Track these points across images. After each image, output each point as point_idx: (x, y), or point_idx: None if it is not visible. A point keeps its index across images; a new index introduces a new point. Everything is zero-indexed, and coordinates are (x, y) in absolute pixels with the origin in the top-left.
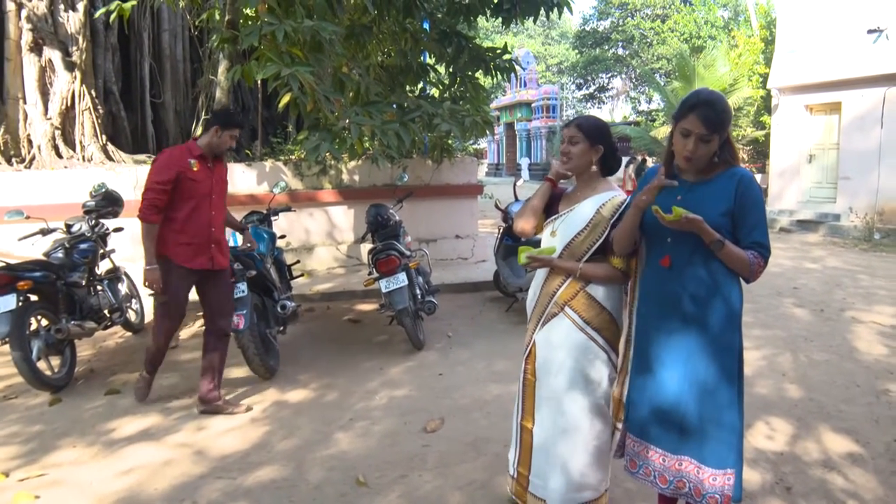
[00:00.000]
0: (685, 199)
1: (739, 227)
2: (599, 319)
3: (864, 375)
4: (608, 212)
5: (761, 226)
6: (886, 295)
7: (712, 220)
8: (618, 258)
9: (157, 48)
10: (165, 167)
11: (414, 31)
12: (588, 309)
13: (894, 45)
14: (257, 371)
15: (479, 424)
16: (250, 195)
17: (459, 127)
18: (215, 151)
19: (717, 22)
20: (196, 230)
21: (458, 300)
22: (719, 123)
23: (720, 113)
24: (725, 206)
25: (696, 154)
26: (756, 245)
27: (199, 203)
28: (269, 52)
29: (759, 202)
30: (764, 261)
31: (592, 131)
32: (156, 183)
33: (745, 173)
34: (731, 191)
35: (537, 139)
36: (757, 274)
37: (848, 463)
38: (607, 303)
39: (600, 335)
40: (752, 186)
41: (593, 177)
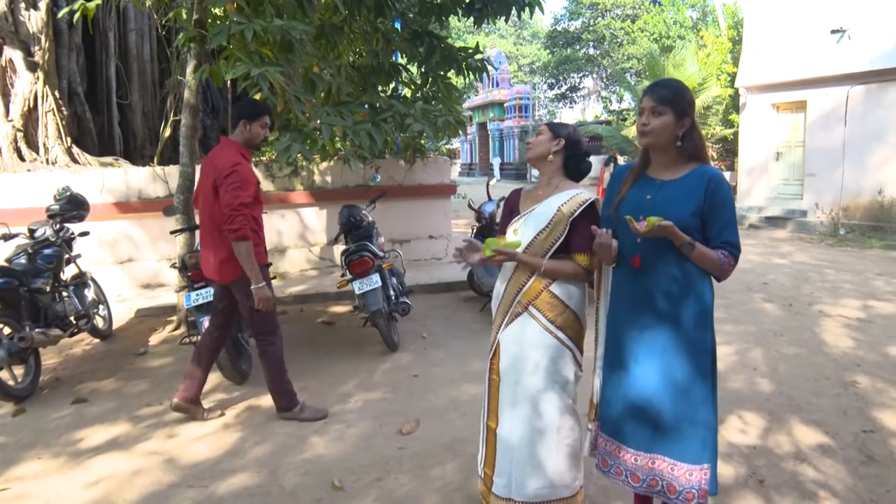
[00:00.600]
0: (655, 197)
1: (709, 226)
2: (563, 318)
3: (833, 368)
4: (569, 210)
5: (731, 225)
6: (852, 289)
7: (682, 220)
8: (581, 255)
9: (123, 48)
10: (248, 177)
11: (385, 30)
12: (552, 308)
13: (856, 45)
14: (229, 376)
15: (455, 425)
16: None
17: (432, 127)
18: (251, 147)
19: (685, 22)
20: (264, 235)
21: (433, 300)
22: (671, 98)
23: (671, 88)
24: (695, 205)
25: (650, 126)
26: (726, 244)
27: (260, 207)
28: (238, 52)
29: (729, 201)
30: (734, 260)
31: (557, 126)
32: (245, 197)
33: (714, 172)
34: (700, 190)
35: (510, 139)
36: (727, 273)
37: (818, 454)
38: (571, 301)
39: (565, 334)
40: (721, 185)
41: (555, 175)
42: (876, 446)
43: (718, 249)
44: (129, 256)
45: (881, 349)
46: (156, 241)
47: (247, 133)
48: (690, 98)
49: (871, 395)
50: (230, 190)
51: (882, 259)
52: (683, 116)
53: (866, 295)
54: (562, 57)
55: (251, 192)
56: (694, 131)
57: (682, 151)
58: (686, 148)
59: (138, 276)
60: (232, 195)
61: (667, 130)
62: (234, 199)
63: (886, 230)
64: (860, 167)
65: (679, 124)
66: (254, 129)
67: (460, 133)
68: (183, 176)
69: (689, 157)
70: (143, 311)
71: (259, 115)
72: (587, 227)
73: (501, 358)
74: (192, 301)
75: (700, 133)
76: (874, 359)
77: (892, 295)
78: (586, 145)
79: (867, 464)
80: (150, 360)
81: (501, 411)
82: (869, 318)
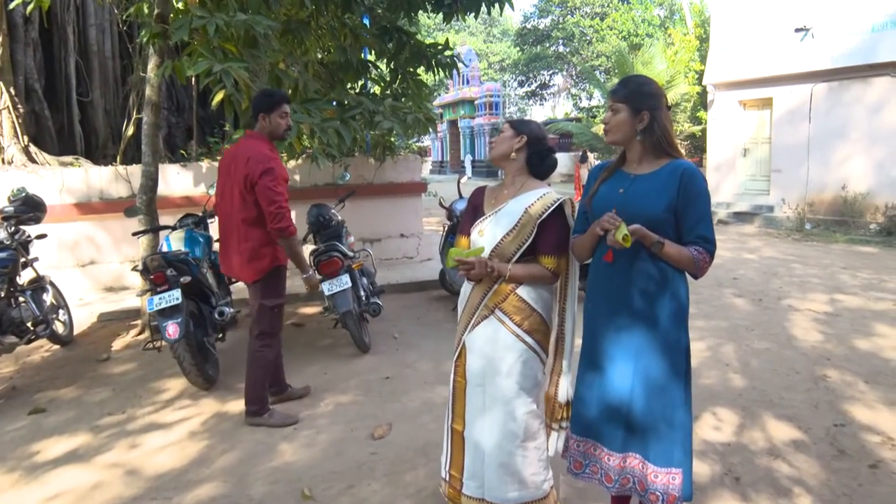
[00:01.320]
0: (627, 192)
1: (683, 220)
2: (530, 321)
3: (803, 362)
4: (536, 211)
5: (705, 219)
6: (819, 283)
7: (655, 216)
8: (548, 258)
9: (83, 44)
10: (282, 172)
11: (353, 26)
12: (518, 311)
13: (820, 43)
14: (195, 382)
15: (428, 429)
16: (186, 197)
17: (401, 124)
18: (275, 138)
19: (653, 20)
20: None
21: (404, 300)
22: (626, 95)
23: (627, 85)
24: (668, 199)
25: (609, 124)
26: (700, 239)
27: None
28: (201, 48)
29: (703, 195)
30: (709, 255)
31: (519, 123)
32: (284, 192)
33: (688, 166)
34: (673, 185)
35: (480, 136)
36: (703, 269)
37: (792, 450)
38: (538, 304)
39: (532, 337)
40: (695, 179)
41: (520, 173)
42: (847, 440)
43: (692, 245)
44: (91, 259)
45: (849, 342)
46: (119, 243)
47: (268, 125)
48: (651, 91)
49: (841, 388)
50: (271, 188)
51: (846, 253)
52: (639, 111)
53: (833, 289)
54: (532, 54)
55: (286, 188)
56: (655, 125)
57: (649, 146)
58: (646, 142)
59: (101, 278)
60: (274, 193)
61: (623, 126)
62: (278, 197)
63: (850, 224)
64: (824, 163)
65: (637, 119)
66: (273, 119)
67: (430, 130)
68: (146, 175)
69: (659, 151)
70: (105, 315)
71: (276, 105)
72: (555, 229)
73: (468, 361)
74: (155, 305)
75: (664, 126)
76: (843, 352)
77: (857, 289)
78: (550, 142)
79: (839, 458)
80: (112, 367)
81: (470, 415)
82: (836, 312)
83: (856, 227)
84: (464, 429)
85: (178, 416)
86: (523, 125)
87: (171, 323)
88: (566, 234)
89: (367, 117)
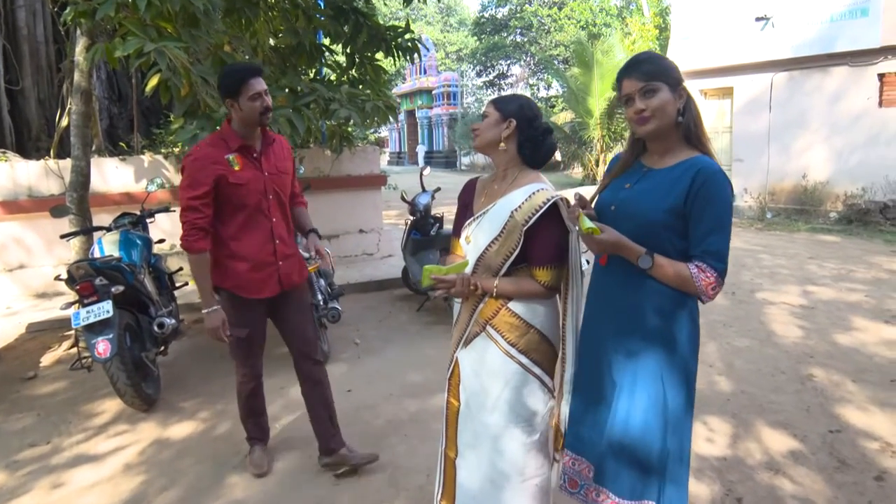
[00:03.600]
0: (634, 186)
1: (692, 231)
2: (526, 340)
3: (786, 360)
4: (523, 216)
5: (718, 231)
6: (789, 274)
7: (651, 217)
8: (541, 270)
9: (11, 27)
10: (197, 175)
11: (306, 6)
12: (512, 329)
13: (780, 32)
14: (131, 403)
15: (397, 451)
16: (126, 193)
17: (360, 112)
18: (254, 127)
19: (611, 10)
20: (254, 249)
21: (365, 300)
22: (660, 71)
23: (654, 61)
24: (673, 201)
25: (649, 109)
26: (705, 254)
27: (252, 213)
28: (131, 25)
29: (720, 201)
30: (715, 274)
31: (505, 102)
32: (189, 199)
33: (706, 165)
34: (684, 185)
35: (438, 126)
36: (708, 291)
37: (791, 462)
38: (535, 320)
39: (528, 358)
40: (711, 181)
41: (512, 164)
42: (846, 449)
43: (695, 260)
44: (20, 263)
45: (829, 337)
46: (51, 245)
47: (239, 112)
48: (675, 65)
49: (829, 389)
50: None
51: (810, 242)
52: (678, 86)
53: (803, 280)
54: (489, 44)
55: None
56: (691, 104)
57: (684, 132)
58: (685, 124)
59: (31, 284)
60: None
61: (668, 108)
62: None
63: (810, 213)
64: (785, 152)
65: (677, 96)
66: (243, 104)
67: (391, 119)
68: (76, 171)
69: (691, 139)
70: (35, 325)
71: (240, 83)
72: (547, 236)
73: (462, 381)
74: (82, 320)
75: (696, 107)
76: (825, 349)
77: (828, 279)
78: (544, 121)
79: (841, 470)
80: (39, 387)
81: (461, 446)
82: (811, 304)
83: (816, 216)
84: (456, 456)
85: (111, 444)
86: (510, 105)
87: (101, 340)
88: (562, 239)
89: (321, 105)
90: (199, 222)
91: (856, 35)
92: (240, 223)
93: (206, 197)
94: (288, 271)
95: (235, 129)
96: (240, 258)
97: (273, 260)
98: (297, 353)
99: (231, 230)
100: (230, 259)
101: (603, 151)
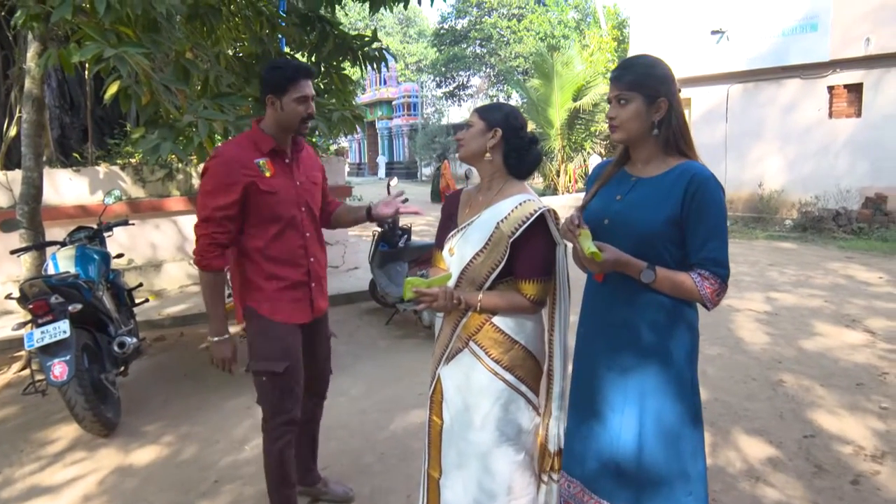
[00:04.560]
0: (626, 197)
1: (689, 238)
2: (511, 356)
3: (757, 367)
4: (509, 227)
5: (716, 237)
6: (752, 281)
7: (652, 230)
8: (527, 284)
9: None
10: (224, 180)
11: (270, 14)
12: (496, 345)
13: (735, 45)
14: (90, 429)
15: (373, 471)
16: (81, 206)
17: (326, 122)
18: (290, 133)
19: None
20: (288, 267)
21: (332, 315)
22: (639, 78)
23: (635, 66)
24: (669, 211)
25: (618, 119)
26: (707, 262)
27: (285, 226)
28: (89, 29)
29: (715, 207)
30: (719, 281)
31: (489, 111)
32: (213, 209)
33: (698, 171)
34: (678, 193)
35: (399, 137)
36: (713, 298)
37: (770, 469)
38: (520, 335)
39: (513, 375)
40: (705, 188)
41: (497, 175)
42: (821, 453)
43: (696, 269)
44: None
45: (795, 343)
46: (1, 261)
47: (279, 113)
48: (665, 73)
49: (800, 394)
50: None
51: (769, 249)
52: (656, 98)
53: (766, 287)
54: (449, 55)
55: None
56: (673, 115)
57: (662, 143)
58: (662, 138)
59: None
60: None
61: (638, 120)
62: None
63: (767, 221)
64: (741, 162)
65: (653, 108)
66: (286, 104)
67: (357, 130)
68: (27, 182)
69: (672, 149)
70: None
71: (289, 81)
72: (535, 248)
73: (445, 399)
74: (36, 341)
75: (682, 117)
76: (792, 354)
77: (789, 286)
78: (528, 131)
79: (819, 475)
80: None
81: (446, 466)
82: (775, 311)
83: (772, 224)
84: (440, 476)
85: (68, 474)
86: (495, 114)
87: (57, 362)
88: (549, 252)
89: None
90: (219, 237)
91: (807, 48)
92: (271, 237)
93: (232, 207)
94: (319, 295)
95: (269, 132)
96: (276, 277)
97: (306, 280)
98: (310, 391)
99: (262, 245)
100: (266, 279)
101: (563, 162)
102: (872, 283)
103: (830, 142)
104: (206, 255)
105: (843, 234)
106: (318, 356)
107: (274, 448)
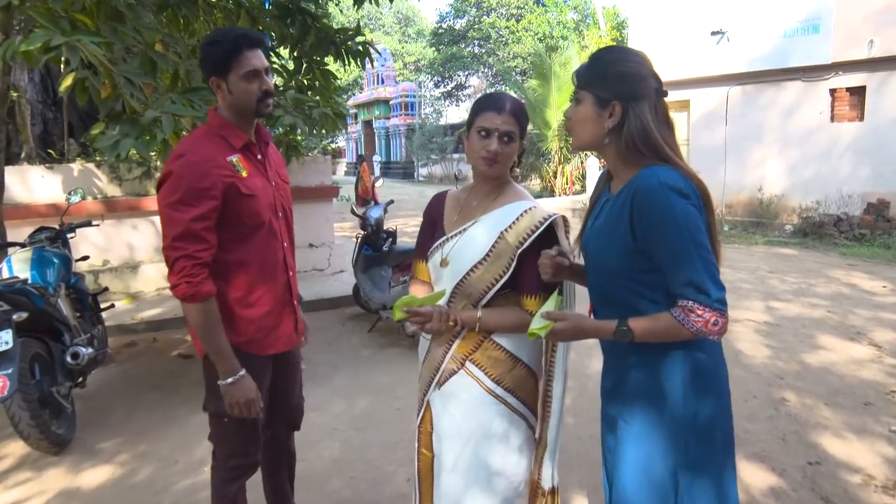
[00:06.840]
0: (594, 225)
1: (659, 266)
2: (512, 376)
3: (757, 383)
4: (517, 237)
5: (684, 259)
6: (751, 288)
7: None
8: (532, 299)
9: None
10: (196, 185)
11: (249, 6)
12: (496, 364)
13: (735, 46)
14: (37, 446)
15: (341, 497)
16: (53, 205)
17: (306, 119)
18: (248, 117)
19: (568, 24)
20: (269, 286)
21: (314, 320)
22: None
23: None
24: (620, 243)
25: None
26: (685, 290)
27: (265, 236)
28: (40, 17)
29: (671, 221)
30: (707, 309)
31: (523, 119)
32: (190, 222)
33: (641, 182)
34: (626, 218)
35: (396, 137)
36: (711, 329)
37: (773, 501)
38: (521, 352)
39: (516, 397)
40: (652, 201)
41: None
42: (827, 483)
43: (677, 302)
44: None
45: (798, 357)
46: None
47: (229, 97)
48: (625, 71)
49: (803, 414)
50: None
51: (769, 255)
52: (607, 102)
53: (766, 295)
54: (447, 55)
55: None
56: (629, 122)
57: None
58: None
59: None
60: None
61: (587, 124)
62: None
63: (766, 225)
64: (741, 165)
65: (604, 112)
66: (233, 84)
67: (341, 127)
68: None
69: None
70: None
71: (229, 57)
72: None
73: (435, 430)
74: None
75: (643, 123)
76: (794, 369)
77: (790, 294)
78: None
79: None
80: None
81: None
82: (776, 321)
83: (772, 229)
84: None
85: (9, 497)
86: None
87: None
88: None
89: None
90: (202, 255)
91: (808, 50)
92: (250, 251)
93: (210, 217)
94: (300, 315)
95: (233, 122)
96: (254, 302)
97: (289, 299)
98: (282, 423)
99: (239, 261)
100: (242, 305)
101: (560, 163)
102: (877, 293)
103: (832, 146)
104: (191, 280)
105: (845, 241)
106: (293, 390)
107: (228, 491)
